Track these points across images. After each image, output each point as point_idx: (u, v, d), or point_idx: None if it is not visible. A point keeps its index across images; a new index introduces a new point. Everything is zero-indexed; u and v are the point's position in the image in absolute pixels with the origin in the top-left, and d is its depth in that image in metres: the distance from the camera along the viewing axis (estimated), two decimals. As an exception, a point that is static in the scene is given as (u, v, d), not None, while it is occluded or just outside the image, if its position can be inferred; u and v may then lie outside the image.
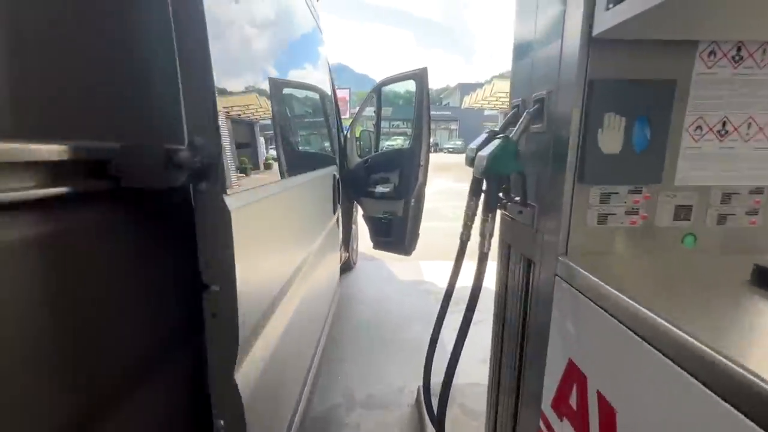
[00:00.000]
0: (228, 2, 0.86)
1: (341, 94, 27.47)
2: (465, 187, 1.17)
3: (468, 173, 1.14)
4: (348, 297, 3.46)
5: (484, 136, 1.14)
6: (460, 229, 1.29)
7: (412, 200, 3.18)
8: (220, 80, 0.69)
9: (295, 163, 1.49)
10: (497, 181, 1.02)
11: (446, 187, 11.25)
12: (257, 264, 0.86)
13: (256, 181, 0.95)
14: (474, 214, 1.22)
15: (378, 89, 3.44)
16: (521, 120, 1.01)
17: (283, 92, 1.45)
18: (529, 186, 1.03)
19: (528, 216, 1.03)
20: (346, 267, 4.03)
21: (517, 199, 1.08)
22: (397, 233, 3.31)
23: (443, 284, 3.59)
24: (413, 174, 3.11)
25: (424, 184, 3.18)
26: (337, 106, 3.50)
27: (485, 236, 1.04)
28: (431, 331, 1.40)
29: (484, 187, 1.10)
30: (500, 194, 1.11)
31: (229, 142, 0.75)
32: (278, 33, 1.38)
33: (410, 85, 3.38)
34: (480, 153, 1.02)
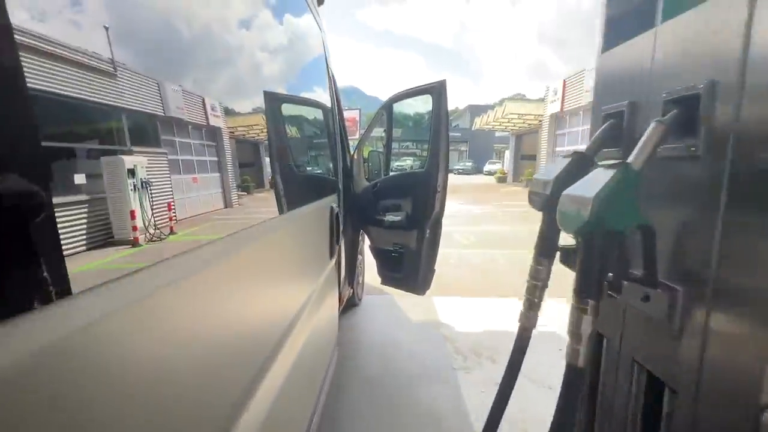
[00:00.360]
0: None
1: (351, 114, 27.54)
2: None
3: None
4: (350, 343, 2.97)
5: (562, 160, 0.70)
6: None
7: (427, 231, 2.74)
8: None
9: (279, 197, 1.18)
10: (608, 243, 0.57)
11: (456, 209, 10.78)
12: None
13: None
14: (544, 286, 0.77)
15: (389, 106, 3.06)
16: (646, 135, 0.57)
17: (274, 109, 1.24)
18: (661, 252, 0.59)
19: (661, 305, 0.58)
20: (351, 303, 3.56)
21: (637, 273, 0.62)
22: (408, 269, 2.86)
23: (461, 327, 3.08)
24: (429, 201, 2.69)
25: (441, 213, 2.75)
26: (342, 123, 3.11)
27: (579, 340, 0.58)
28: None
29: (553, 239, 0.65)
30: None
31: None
32: (262, 35, 1.09)
33: (421, 105, 3.01)
34: (570, 191, 0.58)
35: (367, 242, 3.26)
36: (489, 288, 4.22)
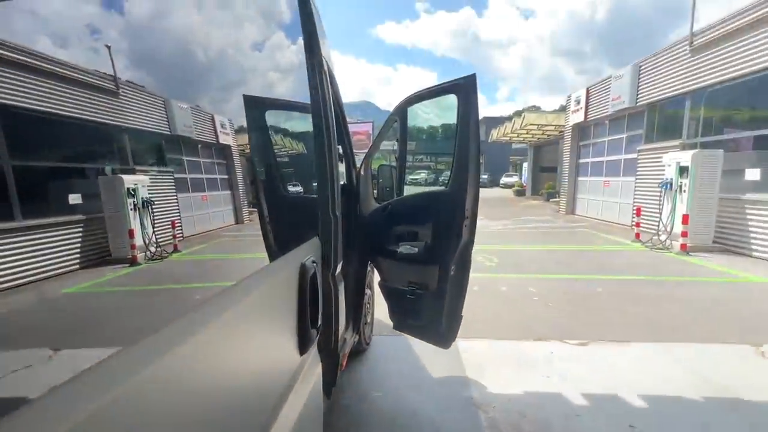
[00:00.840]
0: None
1: (364, 127, 27.28)
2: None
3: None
4: (352, 408, 2.34)
5: None
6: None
7: (452, 268, 2.13)
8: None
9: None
10: None
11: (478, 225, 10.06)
12: None
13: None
14: None
15: (402, 111, 2.49)
16: None
17: (256, 122, 1.07)
18: None
19: None
20: (356, 350, 2.94)
21: None
22: (429, 315, 2.25)
23: (495, 385, 2.30)
24: (454, 229, 2.10)
25: (470, 244, 2.15)
26: (346, 128, 2.55)
27: None
28: None
29: None
30: None
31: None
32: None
33: (442, 109, 2.45)
34: None
35: (376, 276, 2.67)
36: (523, 326, 3.54)
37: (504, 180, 32.18)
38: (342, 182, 2.73)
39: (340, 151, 2.55)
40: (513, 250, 7.30)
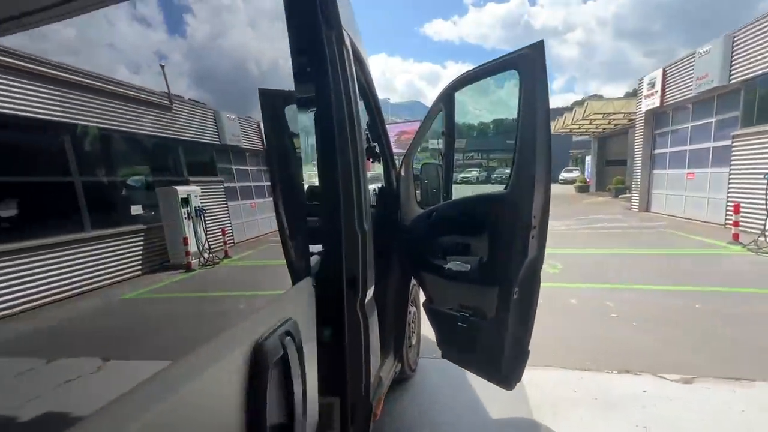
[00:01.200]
0: None
1: (413, 126, 26.79)
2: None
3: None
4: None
5: None
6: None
7: (516, 291, 1.68)
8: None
9: None
10: None
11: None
12: None
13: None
14: None
15: (448, 96, 2.07)
16: None
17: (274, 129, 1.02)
18: None
19: None
20: (399, 378, 2.55)
21: None
22: (486, 349, 1.80)
23: None
24: (517, 242, 1.65)
25: (539, 262, 1.69)
26: (382, 124, 2.18)
27: None
28: None
29: None
30: None
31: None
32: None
33: (498, 91, 2.03)
34: None
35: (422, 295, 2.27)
36: (601, 352, 2.92)
37: (563, 175, 29.90)
38: (379, 185, 2.37)
39: (377, 149, 2.20)
40: (580, 254, 6.49)
